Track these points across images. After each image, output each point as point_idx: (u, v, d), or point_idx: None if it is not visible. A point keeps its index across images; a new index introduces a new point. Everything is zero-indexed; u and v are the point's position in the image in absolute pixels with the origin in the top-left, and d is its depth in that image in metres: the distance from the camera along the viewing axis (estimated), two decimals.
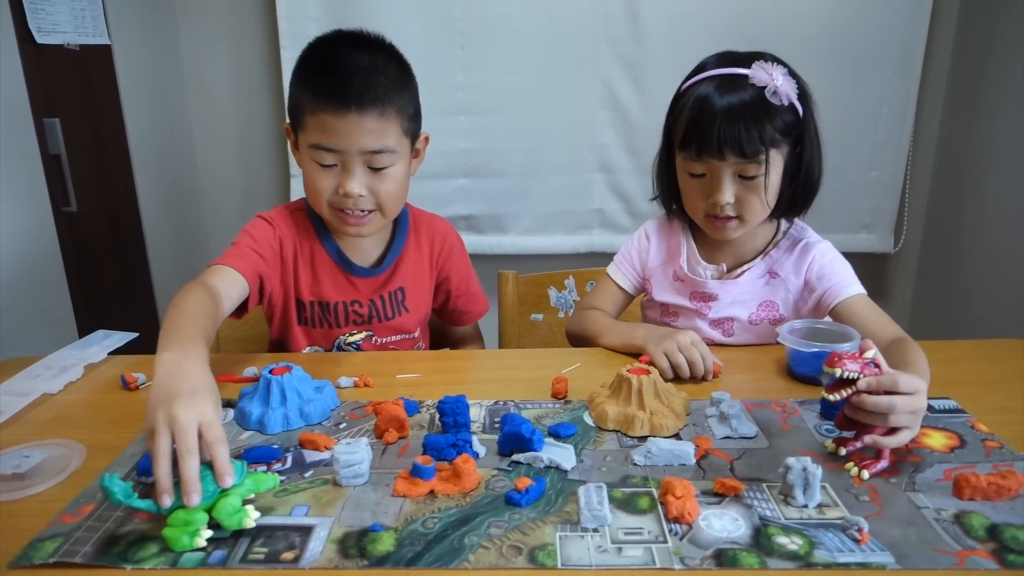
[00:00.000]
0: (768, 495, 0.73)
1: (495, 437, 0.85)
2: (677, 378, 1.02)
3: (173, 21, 2.26)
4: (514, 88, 2.24)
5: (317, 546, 0.66)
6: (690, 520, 0.69)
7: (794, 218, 1.21)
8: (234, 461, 0.70)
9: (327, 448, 0.84)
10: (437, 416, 0.87)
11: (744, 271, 1.18)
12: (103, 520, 0.70)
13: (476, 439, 0.84)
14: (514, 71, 2.22)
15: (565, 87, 2.23)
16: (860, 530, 0.66)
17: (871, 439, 0.77)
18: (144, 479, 0.77)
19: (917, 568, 0.63)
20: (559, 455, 0.80)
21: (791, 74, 1.06)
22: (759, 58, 1.06)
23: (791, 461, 0.72)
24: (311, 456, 0.83)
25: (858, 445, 0.79)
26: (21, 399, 0.96)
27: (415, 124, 1.15)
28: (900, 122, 2.25)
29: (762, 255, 1.19)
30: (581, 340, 1.24)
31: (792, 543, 0.66)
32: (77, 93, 1.82)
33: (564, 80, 2.23)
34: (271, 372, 0.93)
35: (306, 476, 0.79)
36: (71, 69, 1.79)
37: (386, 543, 0.67)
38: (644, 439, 0.84)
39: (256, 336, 1.38)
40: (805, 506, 0.71)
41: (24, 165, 1.61)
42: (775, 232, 1.20)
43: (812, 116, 1.10)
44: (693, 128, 1.06)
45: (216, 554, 0.66)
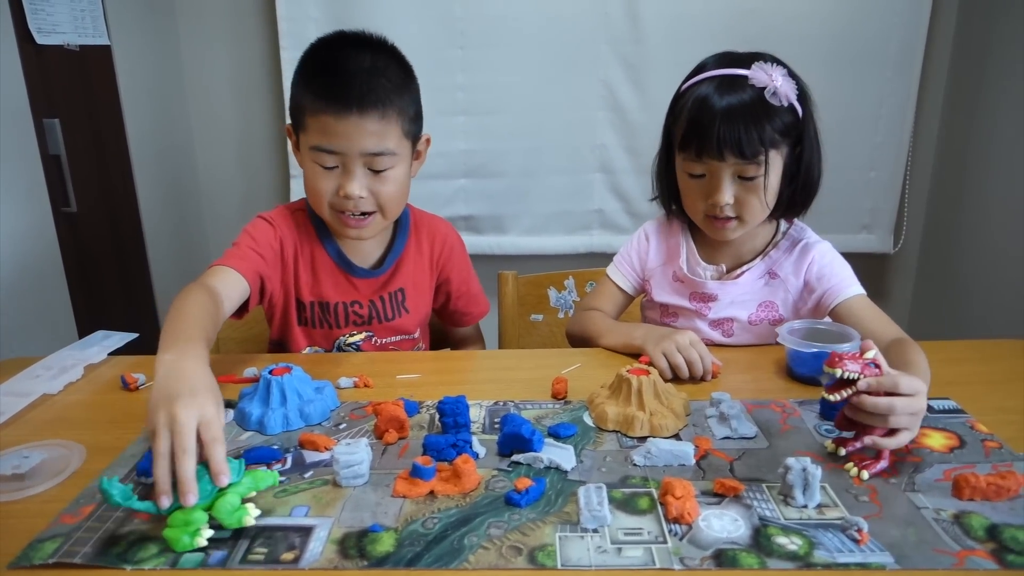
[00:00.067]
0: (768, 495, 0.74)
1: (495, 438, 0.85)
2: (676, 378, 1.02)
3: (173, 22, 2.26)
4: (514, 88, 2.24)
5: (317, 547, 0.66)
6: (690, 520, 0.69)
7: (793, 218, 1.21)
8: (231, 459, 0.70)
9: (327, 449, 0.84)
10: (437, 416, 0.87)
11: (744, 271, 1.18)
12: (103, 521, 0.71)
13: (476, 439, 0.84)
14: (514, 71, 2.22)
15: (565, 87, 2.24)
16: (860, 530, 0.66)
17: (870, 440, 0.77)
18: (144, 479, 0.77)
19: (916, 568, 0.63)
20: (559, 455, 0.80)
21: (791, 75, 1.06)
22: (759, 59, 1.06)
23: (791, 461, 0.72)
24: (311, 457, 0.83)
25: (858, 445, 0.79)
26: (21, 399, 0.96)
27: (416, 126, 1.15)
28: (900, 122, 2.25)
29: (761, 256, 1.19)
30: (581, 341, 1.24)
31: (792, 543, 0.66)
32: (77, 94, 1.82)
33: (564, 80, 2.23)
34: (271, 373, 0.93)
35: (306, 477, 0.79)
36: (71, 70, 1.79)
37: (386, 543, 0.67)
38: (644, 439, 0.84)
39: (256, 336, 1.38)
40: (805, 506, 0.71)
41: (24, 166, 1.61)
42: (774, 233, 1.20)
43: (812, 117, 1.10)
44: (693, 129, 1.06)
45: (216, 555, 0.66)
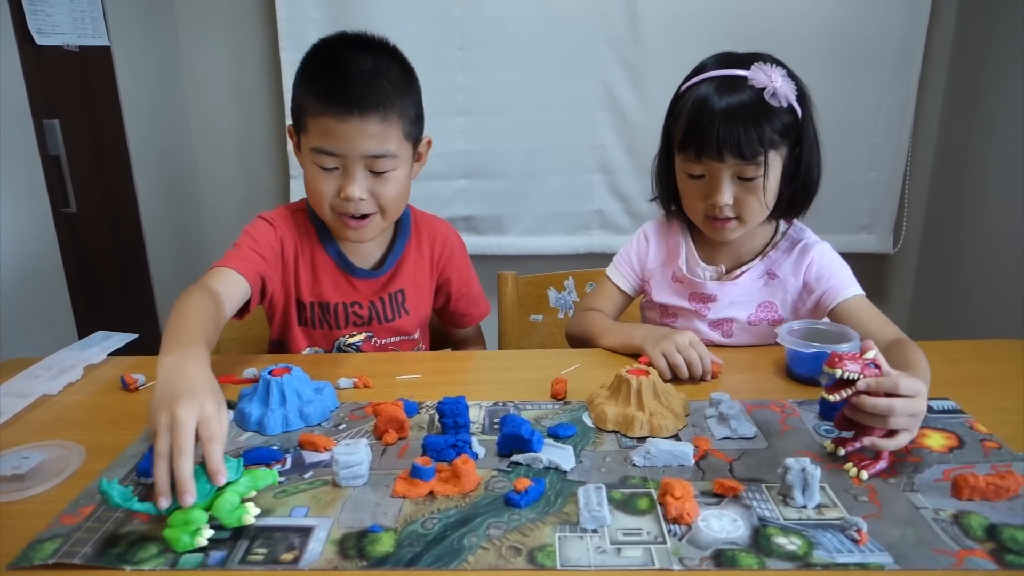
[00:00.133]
0: (767, 496, 0.74)
1: (494, 438, 0.85)
2: (676, 379, 1.02)
3: (173, 22, 2.26)
4: (513, 89, 2.24)
5: (316, 547, 0.66)
6: (689, 521, 0.69)
7: (793, 219, 1.21)
8: (229, 458, 0.70)
9: (326, 449, 0.84)
10: (436, 417, 0.87)
11: (743, 272, 1.19)
12: (103, 521, 0.71)
13: (475, 440, 0.84)
14: (513, 72, 2.22)
15: (564, 88, 2.24)
16: (859, 530, 0.66)
17: (869, 441, 0.77)
18: (144, 480, 0.77)
19: (916, 568, 0.63)
20: (558, 456, 0.80)
21: (790, 75, 1.06)
22: (758, 59, 1.06)
23: (790, 462, 0.72)
24: (310, 457, 0.83)
25: (857, 446, 0.79)
26: (21, 400, 0.96)
27: (417, 128, 1.15)
28: (899, 122, 2.26)
29: (761, 256, 1.19)
30: (581, 341, 1.24)
31: (791, 543, 0.66)
32: (77, 94, 1.82)
33: (563, 81, 2.23)
34: (271, 373, 0.93)
35: (305, 477, 0.79)
36: (71, 70, 1.79)
37: (385, 544, 0.67)
38: (643, 440, 0.84)
39: (256, 337, 1.38)
40: (804, 507, 0.71)
41: (24, 166, 1.61)
42: (774, 233, 1.20)
43: (811, 117, 1.10)
44: (692, 129, 1.06)
45: (215, 555, 0.66)
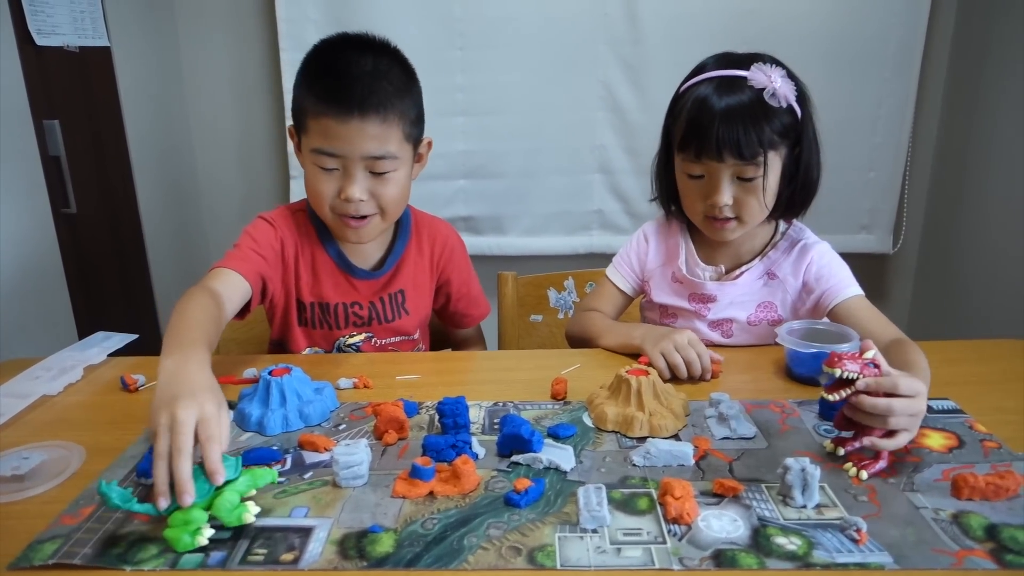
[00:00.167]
0: (767, 496, 0.74)
1: (494, 438, 0.85)
2: (676, 379, 1.02)
3: (172, 23, 2.26)
4: (513, 89, 2.24)
5: (316, 547, 0.67)
6: (689, 521, 0.69)
7: (792, 219, 1.21)
8: (227, 457, 0.70)
9: (326, 449, 0.84)
10: (436, 417, 0.87)
11: (742, 272, 1.19)
12: (103, 521, 0.71)
13: (475, 440, 0.84)
14: (513, 72, 2.22)
15: (564, 88, 2.24)
16: (858, 530, 0.66)
17: (869, 441, 0.77)
18: (144, 480, 0.77)
19: (915, 568, 0.63)
20: (558, 456, 0.80)
21: (790, 76, 1.06)
22: (758, 60, 1.06)
23: (790, 462, 0.72)
24: (310, 457, 0.83)
25: (856, 445, 0.79)
26: (21, 401, 0.96)
27: (418, 129, 1.15)
28: (898, 122, 2.26)
29: (760, 256, 1.19)
30: (580, 342, 1.24)
31: (791, 543, 0.66)
32: (77, 95, 1.82)
33: (563, 81, 2.23)
34: (270, 374, 0.93)
35: (305, 477, 0.79)
36: (71, 71, 1.79)
37: (385, 544, 0.67)
38: (643, 440, 0.84)
39: (256, 338, 1.38)
40: (804, 506, 0.71)
41: (24, 167, 1.61)
42: (773, 233, 1.21)
43: (811, 118, 1.10)
44: (692, 129, 1.06)
45: (215, 555, 0.66)
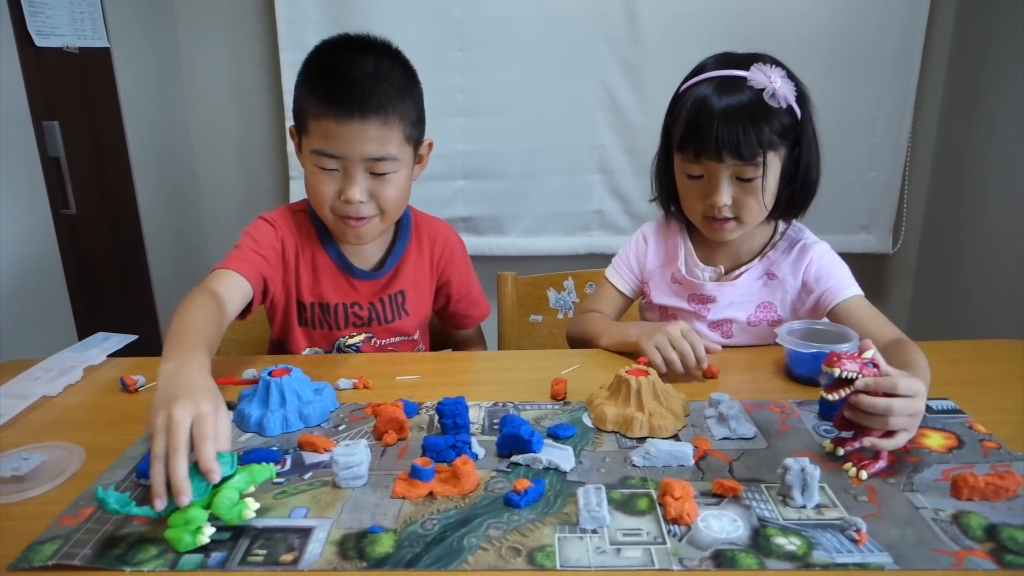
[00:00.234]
0: (767, 496, 0.74)
1: (494, 438, 0.85)
2: (674, 377, 1.02)
3: (172, 24, 2.26)
4: (513, 90, 2.24)
5: (316, 548, 0.67)
6: (689, 521, 0.69)
7: (792, 219, 1.21)
8: (222, 455, 0.70)
9: (326, 450, 0.84)
10: (436, 418, 0.87)
11: (742, 272, 1.19)
12: (102, 522, 0.70)
13: (475, 440, 0.84)
14: (513, 73, 2.22)
15: (564, 89, 2.24)
16: (858, 530, 0.66)
17: (869, 442, 0.77)
18: (143, 481, 0.77)
19: (915, 568, 0.63)
20: (558, 456, 0.80)
21: (790, 76, 1.06)
22: (758, 60, 1.06)
23: (789, 462, 0.72)
24: (310, 458, 0.83)
25: (856, 446, 0.79)
26: (20, 402, 0.96)
27: (418, 130, 1.15)
28: (898, 122, 2.26)
29: (760, 256, 1.19)
30: (580, 343, 1.24)
31: (790, 544, 0.66)
32: (76, 96, 1.82)
33: (563, 82, 2.23)
34: (270, 374, 0.93)
35: (305, 478, 0.79)
36: (70, 72, 1.79)
37: (385, 545, 0.67)
38: (643, 440, 0.84)
39: (256, 338, 1.38)
40: (803, 507, 0.71)
41: (23, 168, 1.61)
42: (772, 233, 1.20)
43: (810, 118, 1.10)
44: (691, 129, 1.06)
45: (215, 556, 0.66)
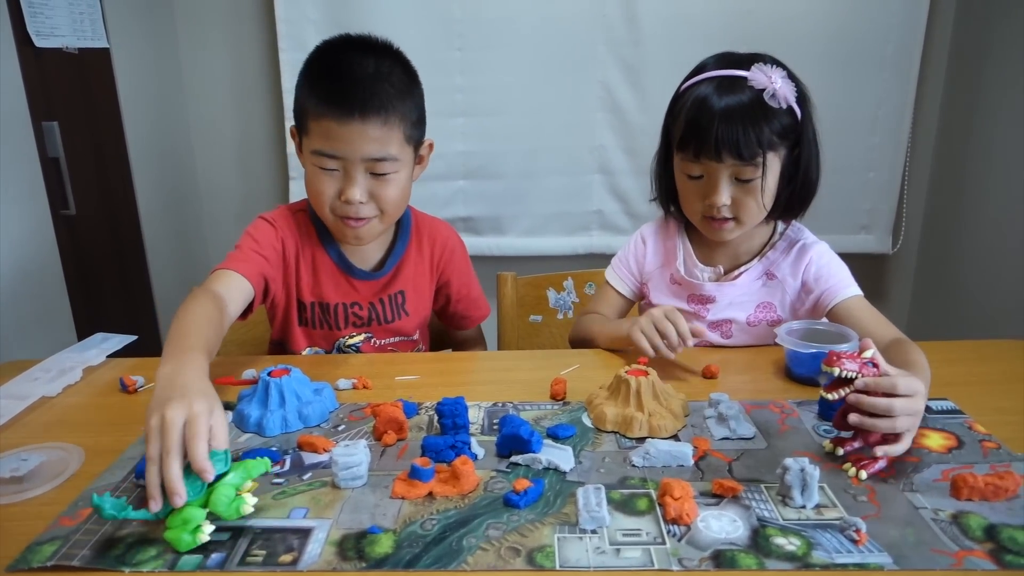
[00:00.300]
0: (766, 496, 0.74)
1: (494, 439, 0.85)
2: (664, 358, 1.03)
3: (172, 25, 2.26)
4: (512, 90, 2.24)
5: (315, 548, 0.66)
6: (688, 521, 0.69)
7: (791, 220, 1.21)
8: (215, 452, 0.70)
9: (326, 450, 0.84)
10: (436, 418, 0.87)
11: (741, 273, 1.19)
12: (101, 523, 0.70)
13: (475, 441, 0.84)
14: (512, 73, 2.22)
15: (563, 89, 2.24)
16: (858, 531, 0.66)
17: (883, 451, 0.76)
18: (142, 482, 0.76)
19: (915, 569, 0.63)
20: (557, 456, 0.80)
21: (790, 77, 1.06)
22: (759, 60, 1.06)
23: (789, 462, 0.72)
24: (310, 458, 0.83)
25: (856, 445, 0.79)
26: (19, 402, 0.96)
27: (419, 131, 1.15)
28: (897, 123, 2.26)
29: (759, 256, 1.19)
30: (582, 345, 1.24)
31: (790, 544, 0.66)
32: (76, 97, 1.82)
33: (562, 82, 2.23)
34: (269, 375, 0.93)
35: (304, 478, 0.79)
36: (70, 73, 1.79)
37: (384, 545, 0.67)
38: (642, 440, 0.84)
39: (255, 339, 1.38)
40: (803, 507, 0.71)
41: (23, 169, 1.61)
42: (772, 233, 1.20)
43: (811, 119, 1.10)
44: (691, 129, 1.06)
45: (214, 557, 0.66)
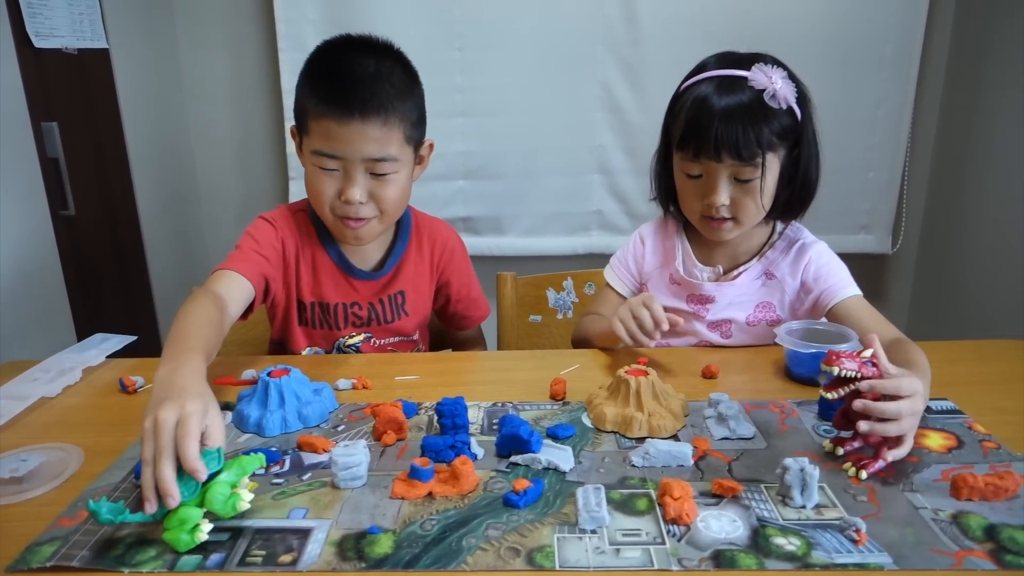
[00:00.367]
0: (766, 496, 0.74)
1: (493, 439, 0.85)
2: (640, 343, 1.04)
3: (171, 25, 2.26)
4: (512, 90, 2.24)
5: (315, 549, 0.66)
6: (688, 521, 0.69)
7: (791, 220, 1.21)
8: (208, 451, 0.70)
9: (325, 450, 0.84)
10: (435, 418, 0.87)
11: (740, 272, 1.18)
12: (100, 524, 0.70)
13: (474, 441, 0.84)
14: (512, 73, 2.22)
15: (563, 89, 2.24)
16: (858, 531, 0.66)
17: (891, 455, 0.76)
18: (140, 482, 0.77)
19: (915, 569, 0.63)
20: (557, 456, 0.80)
21: (791, 77, 1.06)
22: (759, 60, 1.06)
23: (789, 462, 0.72)
24: (309, 459, 0.83)
25: (855, 445, 0.79)
26: (19, 403, 0.96)
27: (419, 131, 1.15)
28: (897, 123, 2.26)
29: (758, 256, 1.19)
30: (583, 346, 1.23)
31: (790, 544, 0.66)
32: (75, 97, 1.82)
33: (562, 82, 2.23)
34: (269, 375, 0.93)
35: (304, 479, 0.79)
36: (69, 73, 1.79)
37: (384, 545, 0.67)
38: (642, 440, 0.84)
39: (255, 339, 1.38)
40: (803, 507, 0.71)
41: (22, 169, 1.61)
42: (771, 233, 1.20)
43: (811, 119, 1.10)
44: (691, 129, 1.06)
45: (214, 557, 0.66)
